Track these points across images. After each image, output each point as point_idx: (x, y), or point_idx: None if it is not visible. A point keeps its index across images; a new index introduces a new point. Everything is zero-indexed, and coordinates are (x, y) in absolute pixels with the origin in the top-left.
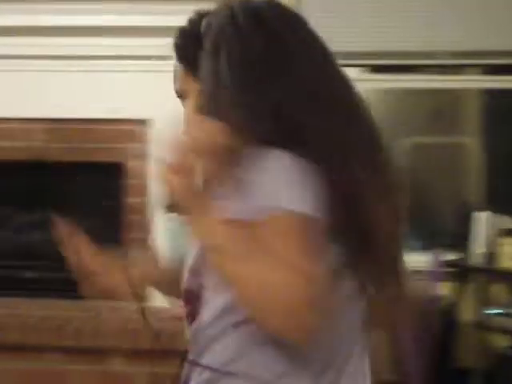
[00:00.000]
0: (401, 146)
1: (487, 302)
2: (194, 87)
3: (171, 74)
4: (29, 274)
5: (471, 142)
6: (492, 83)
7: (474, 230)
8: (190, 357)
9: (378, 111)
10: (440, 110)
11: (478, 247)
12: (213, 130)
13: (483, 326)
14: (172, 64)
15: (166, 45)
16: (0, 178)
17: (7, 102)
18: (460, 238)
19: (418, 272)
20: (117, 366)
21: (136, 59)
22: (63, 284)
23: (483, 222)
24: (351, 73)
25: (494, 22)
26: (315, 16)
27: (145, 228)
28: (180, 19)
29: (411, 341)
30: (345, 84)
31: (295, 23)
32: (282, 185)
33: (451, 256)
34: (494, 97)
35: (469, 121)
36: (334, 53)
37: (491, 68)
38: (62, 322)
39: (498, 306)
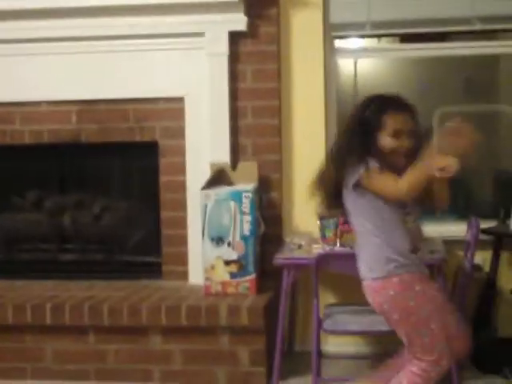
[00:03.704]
0: (435, 115)
1: None
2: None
3: (202, 52)
4: (64, 257)
5: (506, 109)
6: None
7: (510, 197)
8: None
9: (409, 80)
10: (473, 78)
11: None
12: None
13: None
14: (202, 41)
15: (198, 22)
16: (32, 161)
17: (38, 84)
18: (496, 206)
19: (455, 242)
20: (154, 343)
21: (169, 37)
22: (98, 265)
23: None
24: (381, 43)
25: None
26: None
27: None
28: None
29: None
30: None
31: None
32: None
33: (488, 224)
34: None
35: (504, 88)
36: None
37: None
38: (98, 302)
39: None
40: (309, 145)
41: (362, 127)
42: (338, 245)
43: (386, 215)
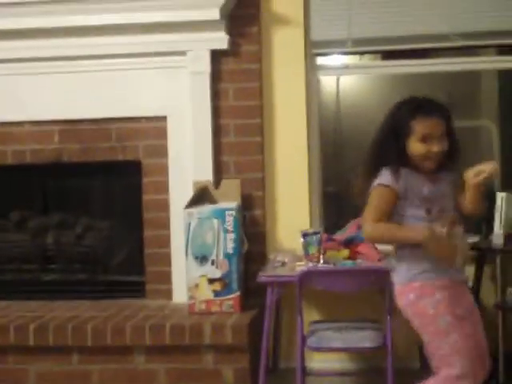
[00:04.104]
0: None
1: (508, 284)
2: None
3: (185, 70)
4: (48, 277)
5: (488, 125)
6: (508, 63)
7: (492, 212)
8: None
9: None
10: (455, 94)
11: (497, 228)
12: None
13: (505, 307)
14: (184, 59)
15: (179, 41)
16: (16, 181)
17: (19, 105)
18: (478, 221)
19: None
20: (139, 363)
21: (151, 56)
22: (81, 285)
23: (502, 203)
24: (363, 60)
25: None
26: (327, 2)
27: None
28: (192, 14)
29: None
30: None
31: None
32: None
33: (470, 239)
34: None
35: (485, 104)
36: (346, 40)
37: (507, 48)
38: (82, 322)
39: None
40: (291, 162)
41: (391, 134)
42: (322, 262)
43: (408, 222)
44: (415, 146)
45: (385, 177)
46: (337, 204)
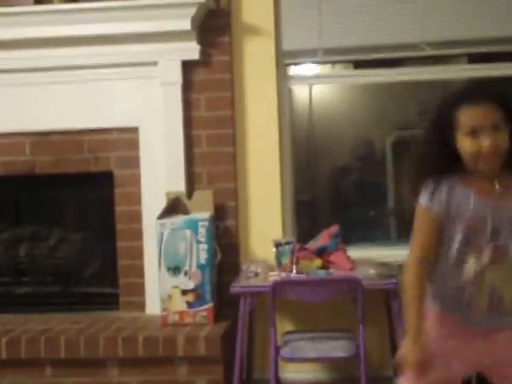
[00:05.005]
0: (387, 140)
1: None
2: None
3: (156, 81)
4: (20, 290)
5: None
6: (479, 71)
7: None
8: None
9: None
10: (427, 102)
11: None
12: None
13: None
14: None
15: (150, 52)
16: None
17: None
18: None
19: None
20: (112, 375)
21: (122, 67)
22: (54, 297)
23: None
24: (336, 69)
25: (480, 9)
26: (298, 12)
27: (136, 236)
28: (164, 25)
29: None
30: None
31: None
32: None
33: None
34: None
35: None
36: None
37: (477, 57)
38: (55, 334)
39: None
40: (264, 172)
41: (435, 130)
42: (295, 271)
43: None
44: (463, 143)
45: (424, 195)
46: (310, 212)
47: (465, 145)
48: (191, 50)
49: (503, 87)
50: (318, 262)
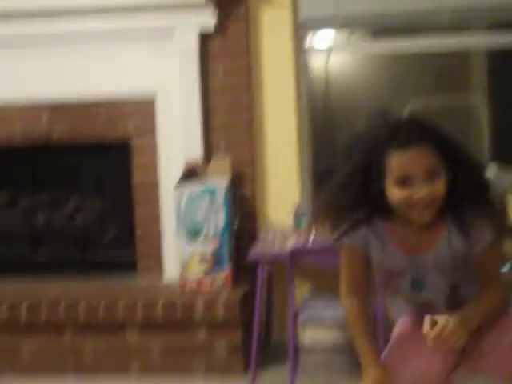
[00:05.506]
0: (407, 110)
1: None
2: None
3: (173, 50)
4: (39, 257)
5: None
6: (498, 39)
7: None
8: None
9: (380, 74)
10: (445, 72)
11: None
12: None
13: None
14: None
15: (167, 22)
16: (5, 162)
17: (8, 87)
18: None
19: None
20: (131, 339)
21: (139, 37)
22: (73, 264)
23: (491, 178)
24: (353, 37)
25: None
26: None
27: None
28: None
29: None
30: None
31: None
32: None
33: None
34: (499, 57)
35: (475, 82)
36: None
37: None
38: (74, 300)
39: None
40: (281, 140)
41: (358, 175)
42: (312, 237)
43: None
44: (392, 193)
45: (345, 232)
46: (327, 180)
47: (394, 195)
48: (207, 19)
49: (437, 123)
50: None
